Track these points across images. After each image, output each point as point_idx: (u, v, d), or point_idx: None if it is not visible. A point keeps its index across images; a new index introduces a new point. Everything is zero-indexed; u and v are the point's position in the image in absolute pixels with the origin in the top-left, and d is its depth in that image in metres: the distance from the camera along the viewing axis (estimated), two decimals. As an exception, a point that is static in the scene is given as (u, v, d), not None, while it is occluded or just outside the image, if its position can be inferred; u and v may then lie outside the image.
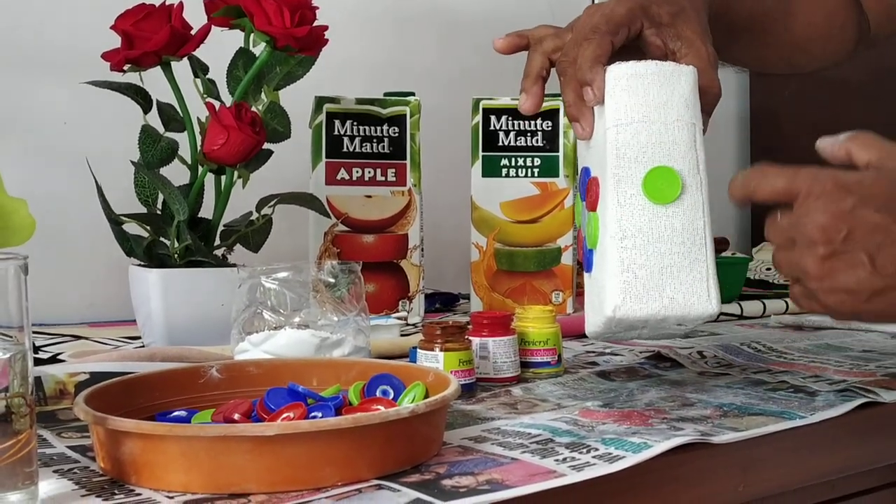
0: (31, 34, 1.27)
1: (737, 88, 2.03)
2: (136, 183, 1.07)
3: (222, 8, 1.05)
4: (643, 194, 0.78)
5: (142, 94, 1.07)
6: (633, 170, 0.79)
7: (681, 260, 0.78)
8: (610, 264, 0.78)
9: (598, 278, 0.81)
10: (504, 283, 1.27)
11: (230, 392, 0.72)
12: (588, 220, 0.84)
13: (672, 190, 0.79)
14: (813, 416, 0.74)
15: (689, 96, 0.81)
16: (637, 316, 0.77)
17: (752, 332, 1.16)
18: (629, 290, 0.77)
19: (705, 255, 0.79)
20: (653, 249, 0.78)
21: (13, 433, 0.53)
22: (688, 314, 0.78)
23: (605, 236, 0.79)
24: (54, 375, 0.76)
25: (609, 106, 0.81)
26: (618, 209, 0.78)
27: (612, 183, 0.79)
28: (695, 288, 0.78)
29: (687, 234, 0.79)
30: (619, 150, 0.79)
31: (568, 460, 0.62)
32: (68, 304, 1.28)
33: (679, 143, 0.80)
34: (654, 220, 0.78)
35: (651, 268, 0.78)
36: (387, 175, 1.23)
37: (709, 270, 0.79)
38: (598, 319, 0.81)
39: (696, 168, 0.80)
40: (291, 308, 0.84)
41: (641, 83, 0.80)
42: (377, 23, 1.55)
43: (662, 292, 0.78)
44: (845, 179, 0.71)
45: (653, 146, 0.79)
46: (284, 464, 0.56)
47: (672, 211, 0.78)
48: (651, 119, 0.80)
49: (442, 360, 0.82)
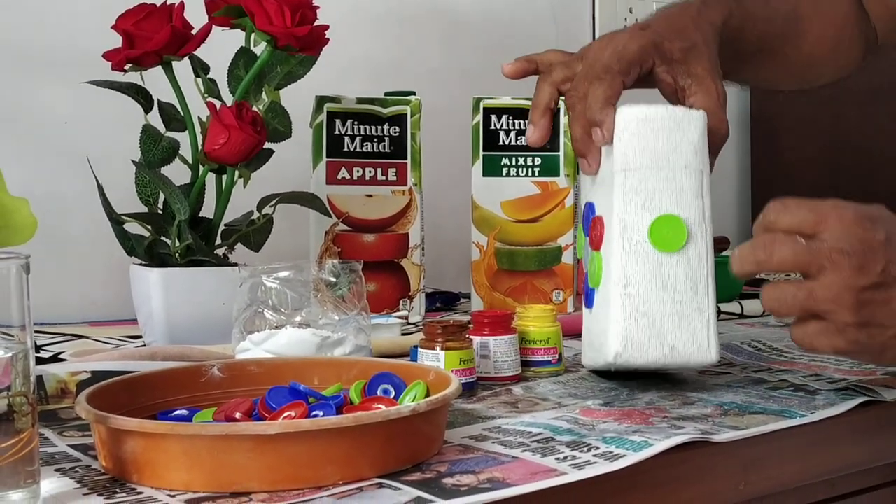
0: (33, 34, 1.27)
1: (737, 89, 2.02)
2: (138, 182, 1.07)
3: (223, 7, 1.05)
4: (649, 242, 0.79)
5: (143, 94, 1.07)
6: (640, 216, 0.79)
7: (683, 309, 0.79)
8: (613, 310, 0.79)
9: (600, 319, 0.81)
10: (505, 283, 1.27)
11: (231, 391, 0.72)
12: (591, 258, 0.84)
13: (678, 239, 0.79)
14: (813, 414, 0.74)
15: (697, 142, 0.81)
16: (637, 364, 0.79)
17: (752, 330, 1.16)
18: (631, 337, 0.78)
19: (707, 304, 0.79)
20: (656, 297, 0.79)
21: (15, 432, 0.53)
22: (687, 363, 0.79)
23: (609, 281, 0.80)
24: (56, 374, 0.76)
25: (618, 149, 0.80)
26: (623, 256, 0.79)
27: (617, 228, 0.79)
28: (695, 337, 0.79)
29: (690, 283, 0.79)
30: (627, 195, 0.79)
31: (569, 459, 0.62)
32: (70, 304, 1.28)
33: (686, 191, 0.80)
34: (658, 267, 0.79)
35: (653, 316, 0.78)
36: (387, 174, 1.23)
37: (710, 319, 0.79)
38: (598, 358, 0.83)
39: (701, 216, 0.80)
40: (292, 307, 0.85)
41: (651, 128, 0.80)
42: (378, 22, 1.55)
43: (664, 341, 0.79)
44: (870, 211, 0.70)
45: (660, 193, 0.79)
46: (286, 462, 0.56)
47: (676, 259, 0.79)
48: (659, 165, 0.80)
49: (443, 359, 0.82)
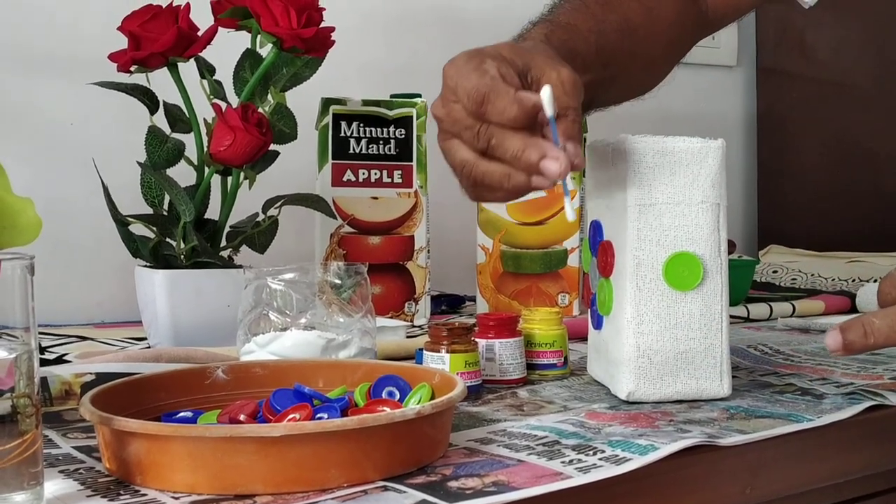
0: (38, 35, 1.27)
1: (744, 90, 2.02)
2: (143, 184, 1.07)
3: (229, 9, 1.05)
4: (663, 280, 0.77)
5: (148, 95, 1.07)
6: (654, 253, 0.78)
7: (696, 345, 0.78)
8: (625, 347, 0.78)
9: (611, 348, 0.81)
10: (510, 285, 1.27)
11: (236, 393, 0.72)
12: (601, 284, 0.83)
13: (693, 277, 0.78)
14: (820, 418, 0.74)
15: (716, 175, 0.78)
16: (650, 400, 0.79)
17: (758, 334, 1.16)
18: (643, 375, 0.78)
19: (721, 340, 0.79)
20: (669, 335, 0.78)
21: (19, 433, 0.53)
22: (699, 397, 0.79)
23: (622, 316, 0.79)
24: (60, 376, 0.76)
25: (631, 181, 0.78)
26: (636, 293, 0.78)
27: (631, 264, 0.78)
28: (708, 373, 0.79)
29: (704, 320, 0.78)
30: (641, 231, 0.78)
31: (574, 462, 0.62)
32: (74, 305, 1.28)
33: (702, 226, 0.78)
34: (672, 305, 0.78)
35: (666, 353, 0.78)
36: (393, 177, 1.23)
37: (723, 355, 0.79)
38: (603, 376, 0.84)
39: (717, 251, 0.78)
40: (297, 309, 0.84)
41: (667, 161, 0.78)
42: (384, 24, 1.55)
43: (676, 378, 0.79)
44: None
45: (675, 229, 0.78)
46: (290, 465, 0.56)
47: (691, 297, 0.78)
48: (675, 200, 0.78)
49: (448, 361, 0.82)
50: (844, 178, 1.83)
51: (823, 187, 1.86)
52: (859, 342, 0.75)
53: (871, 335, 0.74)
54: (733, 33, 1.97)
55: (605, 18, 0.93)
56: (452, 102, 0.75)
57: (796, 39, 1.91)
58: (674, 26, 1.00)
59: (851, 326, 0.75)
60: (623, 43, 0.94)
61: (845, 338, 0.75)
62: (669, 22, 0.99)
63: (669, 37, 1.00)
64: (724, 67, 2.00)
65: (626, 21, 0.95)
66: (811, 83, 1.89)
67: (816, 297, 1.38)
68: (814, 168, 1.88)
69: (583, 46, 0.89)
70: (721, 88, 2.00)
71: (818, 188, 1.87)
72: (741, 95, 2.03)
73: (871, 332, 0.74)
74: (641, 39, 0.96)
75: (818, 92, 1.88)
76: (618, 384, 0.80)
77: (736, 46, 1.99)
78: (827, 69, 1.86)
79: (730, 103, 2.02)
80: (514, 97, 0.72)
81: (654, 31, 0.98)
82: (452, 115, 0.75)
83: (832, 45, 1.85)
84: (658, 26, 0.98)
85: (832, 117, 1.85)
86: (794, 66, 1.92)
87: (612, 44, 0.92)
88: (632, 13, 0.96)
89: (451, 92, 0.75)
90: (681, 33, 1.02)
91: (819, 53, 1.87)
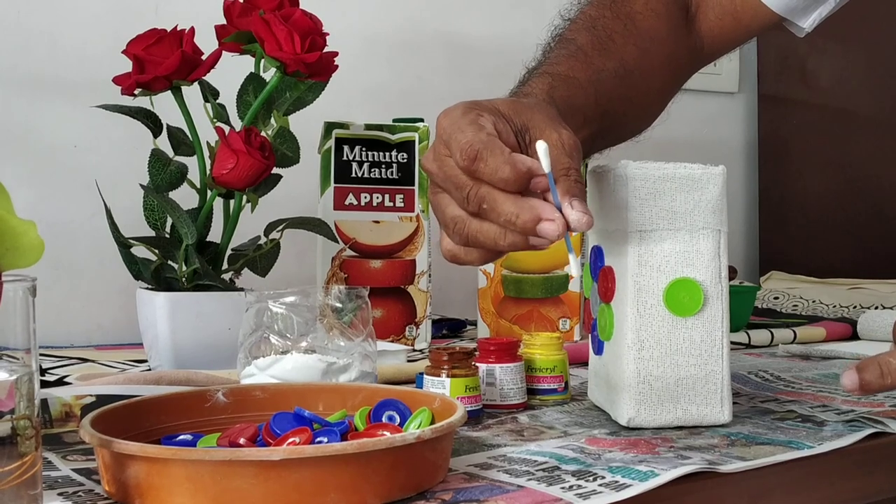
0: (43, 57, 1.28)
1: (745, 117, 2.03)
2: (145, 206, 1.07)
3: (233, 33, 1.05)
4: (664, 306, 0.78)
5: (152, 118, 1.07)
6: (655, 279, 0.78)
7: (697, 372, 0.78)
8: (626, 373, 0.78)
9: (611, 374, 0.81)
10: (511, 310, 1.27)
11: (236, 416, 0.71)
12: (601, 310, 0.83)
13: (694, 303, 0.78)
14: (821, 446, 0.73)
15: (716, 201, 0.78)
16: (650, 426, 0.79)
17: (759, 360, 1.16)
18: (644, 401, 0.78)
19: (721, 367, 0.79)
20: (670, 361, 0.78)
21: (18, 455, 0.53)
22: (700, 423, 0.79)
23: (623, 342, 0.79)
24: (60, 398, 0.76)
25: (632, 206, 0.78)
26: (637, 319, 0.78)
27: (632, 290, 0.78)
28: (709, 400, 0.79)
29: (705, 346, 0.78)
30: (642, 257, 0.78)
31: (574, 488, 0.62)
32: (76, 327, 1.28)
33: (703, 253, 0.78)
34: (673, 331, 0.78)
35: (667, 379, 0.78)
36: (395, 201, 1.23)
37: (724, 381, 0.79)
38: (604, 402, 0.84)
39: (718, 277, 0.78)
40: (298, 333, 0.84)
41: (668, 187, 0.78)
42: (387, 49, 1.55)
43: (677, 404, 0.79)
44: None
45: (676, 255, 0.78)
46: (290, 489, 0.56)
47: (692, 323, 0.78)
48: (676, 227, 0.78)
49: (448, 386, 0.82)
50: (846, 205, 1.83)
51: (825, 214, 1.86)
52: (876, 382, 0.74)
53: (889, 375, 0.74)
54: (735, 60, 1.98)
55: (603, 67, 0.91)
56: (445, 156, 0.72)
57: (798, 66, 1.91)
58: (668, 65, 0.99)
59: (868, 366, 0.74)
60: (619, 89, 0.93)
61: (862, 378, 0.75)
62: (664, 61, 0.98)
63: (664, 76, 0.99)
64: (726, 94, 2.00)
65: (623, 65, 0.93)
66: (812, 110, 1.89)
67: (818, 323, 1.38)
68: (815, 195, 1.88)
69: (583, 100, 0.88)
70: (722, 115, 2.00)
71: (819, 215, 1.87)
72: (742, 122, 2.03)
73: (888, 373, 0.74)
74: (637, 82, 0.95)
75: (819, 119, 1.88)
76: (618, 410, 0.80)
77: (737, 73, 2.00)
78: (828, 96, 1.87)
79: (731, 130, 2.02)
80: (508, 157, 0.69)
81: (650, 73, 0.97)
82: (444, 169, 0.72)
83: (834, 73, 1.86)
84: (653, 66, 0.97)
85: (833, 144, 1.86)
86: (796, 93, 1.93)
87: (608, 91, 0.91)
88: (628, 56, 0.94)
89: (444, 145, 0.72)
90: (675, 70, 1.01)
91: (821, 81, 1.88)
